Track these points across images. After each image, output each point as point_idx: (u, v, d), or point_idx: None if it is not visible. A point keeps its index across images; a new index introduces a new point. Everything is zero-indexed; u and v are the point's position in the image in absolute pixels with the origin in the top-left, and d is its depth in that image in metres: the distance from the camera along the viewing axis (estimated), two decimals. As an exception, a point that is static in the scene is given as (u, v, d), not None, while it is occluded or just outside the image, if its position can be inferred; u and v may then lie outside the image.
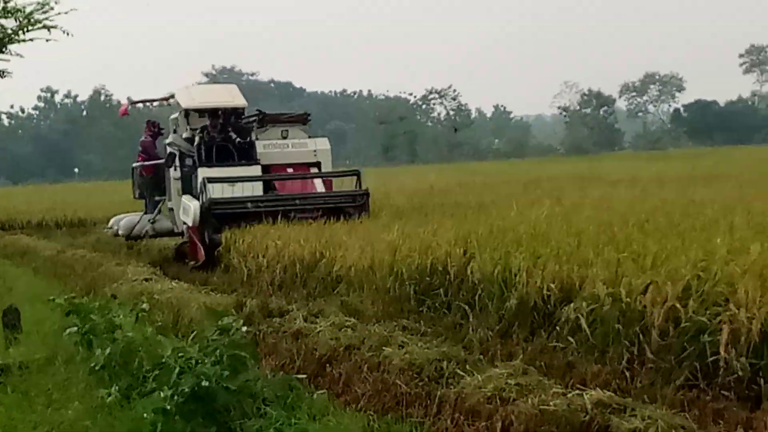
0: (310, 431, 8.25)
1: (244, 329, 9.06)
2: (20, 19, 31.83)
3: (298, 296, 15.25)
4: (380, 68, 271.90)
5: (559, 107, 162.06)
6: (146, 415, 8.22)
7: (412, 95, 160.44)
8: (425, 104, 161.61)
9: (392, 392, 9.26)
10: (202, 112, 23.54)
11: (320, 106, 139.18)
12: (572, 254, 11.03)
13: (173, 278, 18.60)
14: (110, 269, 20.40)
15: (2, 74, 33.29)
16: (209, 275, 19.55)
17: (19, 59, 32.90)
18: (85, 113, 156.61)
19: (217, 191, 21.13)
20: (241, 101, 23.80)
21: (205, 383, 8.06)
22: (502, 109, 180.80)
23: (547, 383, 8.31)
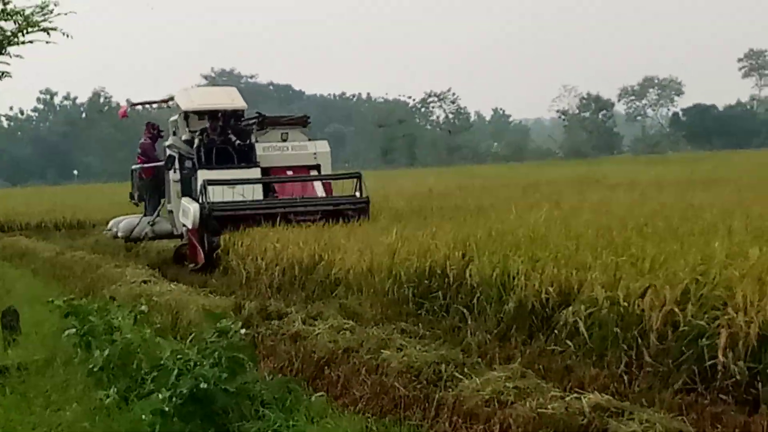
0: (308, 433, 8.27)
1: (242, 331, 9.05)
2: (19, 21, 31.77)
3: (296, 299, 15.25)
4: (379, 71, 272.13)
5: (557, 111, 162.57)
6: (144, 416, 8.23)
7: (411, 98, 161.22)
8: (424, 107, 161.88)
9: (390, 395, 9.26)
10: (201, 114, 23.48)
11: (319, 108, 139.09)
12: (571, 258, 11.04)
13: (172, 280, 18.61)
14: (109, 271, 20.38)
15: (2, 76, 33.20)
16: (208, 277, 19.55)
17: (18, 61, 32.84)
18: (84, 115, 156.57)
19: (217, 194, 21.10)
20: (240, 103, 23.77)
21: (203, 385, 8.07)
22: (501, 112, 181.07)
23: (545, 386, 8.31)
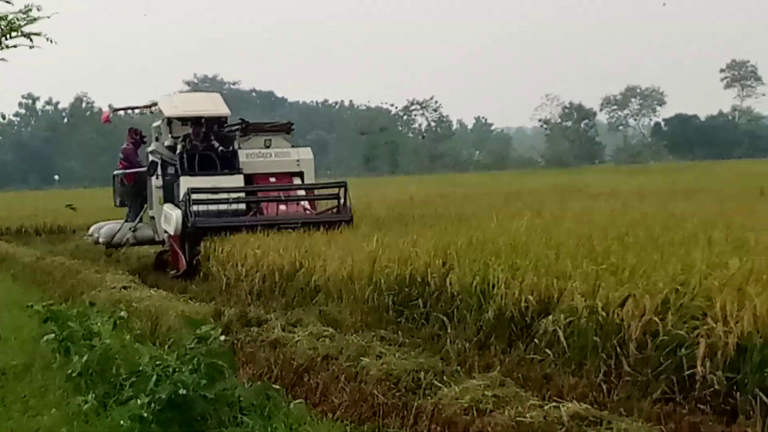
0: (286, 441, 8.25)
1: (222, 338, 9.03)
2: (2, 26, 31.64)
3: (276, 305, 15.23)
4: (362, 79, 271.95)
5: (540, 120, 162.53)
6: (123, 422, 8.18)
7: (393, 106, 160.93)
8: (406, 115, 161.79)
9: (369, 403, 9.26)
10: (184, 120, 23.37)
11: (302, 115, 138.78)
12: (551, 266, 11.05)
13: (152, 286, 18.57)
14: (89, 276, 20.33)
15: (-15, 81, 33.09)
16: (188, 283, 19.53)
17: (1, 65, 32.67)
18: (66, 120, 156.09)
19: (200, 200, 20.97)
20: (224, 110, 23.74)
21: (182, 391, 8.04)
22: (483, 120, 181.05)
23: (524, 395, 8.33)
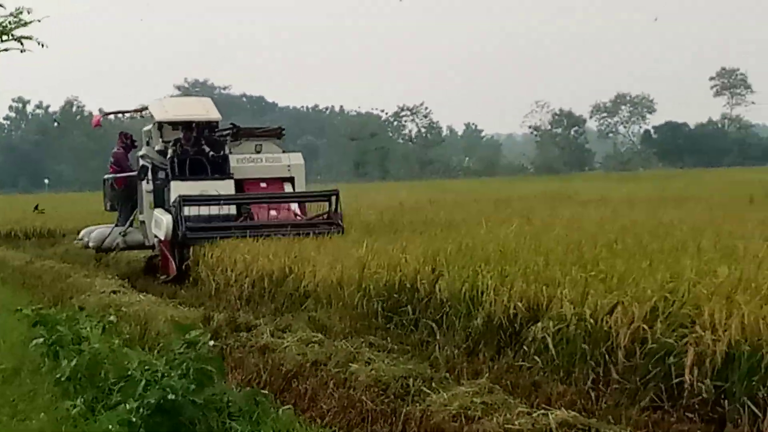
0: (275, 446, 8.25)
1: (211, 343, 9.01)
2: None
3: (265, 311, 15.23)
4: (352, 84, 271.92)
5: (530, 126, 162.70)
6: (111, 427, 8.17)
7: (383, 112, 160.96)
8: (397, 121, 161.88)
9: (358, 409, 9.25)
10: (175, 124, 23.33)
11: (292, 121, 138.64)
12: (540, 273, 11.06)
13: (141, 291, 18.56)
14: (78, 281, 20.30)
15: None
16: (177, 288, 19.50)
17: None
18: (57, 124, 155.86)
19: (192, 207, 20.90)
20: (215, 114, 23.69)
21: (171, 396, 8.03)
22: (473, 127, 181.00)
23: (512, 402, 8.33)
